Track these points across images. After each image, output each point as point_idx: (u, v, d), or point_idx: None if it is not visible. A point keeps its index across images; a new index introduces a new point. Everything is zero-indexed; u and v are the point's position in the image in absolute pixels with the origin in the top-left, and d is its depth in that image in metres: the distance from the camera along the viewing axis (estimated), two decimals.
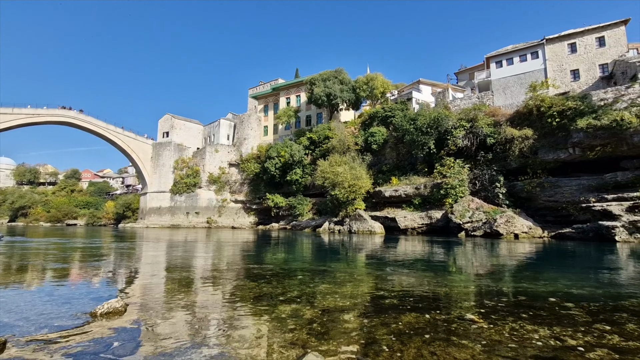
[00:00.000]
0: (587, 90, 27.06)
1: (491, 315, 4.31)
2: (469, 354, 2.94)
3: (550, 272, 8.68)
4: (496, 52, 34.41)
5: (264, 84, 67.11)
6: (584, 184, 22.59)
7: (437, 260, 11.21)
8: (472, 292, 6.07)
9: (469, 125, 28.18)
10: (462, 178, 26.46)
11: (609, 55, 28.45)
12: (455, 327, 3.77)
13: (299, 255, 13.13)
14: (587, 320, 4.12)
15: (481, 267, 9.54)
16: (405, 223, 27.46)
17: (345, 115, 48.03)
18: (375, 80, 40.93)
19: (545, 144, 24.78)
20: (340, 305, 4.80)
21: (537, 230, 21.79)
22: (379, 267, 9.35)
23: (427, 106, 34.43)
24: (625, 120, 20.88)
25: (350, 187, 31.06)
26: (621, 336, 3.53)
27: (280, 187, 43.56)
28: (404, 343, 3.21)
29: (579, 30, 30.19)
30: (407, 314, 4.30)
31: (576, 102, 23.70)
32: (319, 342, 3.24)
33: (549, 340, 3.39)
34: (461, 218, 23.75)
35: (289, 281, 6.84)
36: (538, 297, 5.40)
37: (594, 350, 3.12)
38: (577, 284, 6.66)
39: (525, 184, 24.80)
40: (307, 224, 35.69)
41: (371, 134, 35.76)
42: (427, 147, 29.65)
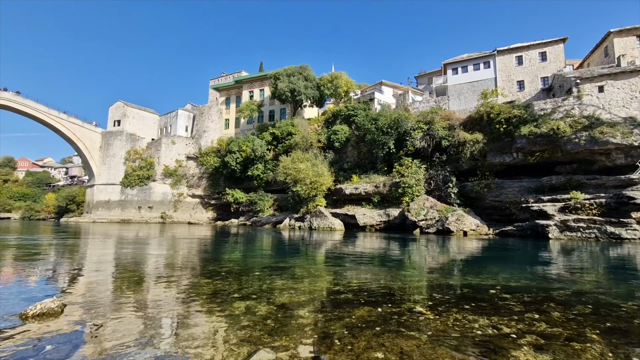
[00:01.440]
0: (530, 100, 29.51)
1: (438, 307, 4.58)
2: (414, 344, 3.11)
3: (493, 266, 9.38)
4: (453, 59, 36.32)
5: (226, 76, 65.10)
6: (524, 186, 24.66)
7: (393, 256, 11.65)
8: (423, 286, 6.40)
9: (426, 127, 29.51)
10: (419, 178, 27.68)
11: (550, 70, 31.23)
12: (404, 319, 3.96)
13: (258, 251, 12.98)
14: (521, 309, 4.53)
15: (433, 263, 10.09)
16: (364, 220, 28.18)
17: (309, 112, 48.09)
18: (340, 79, 41.41)
19: (493, 148, 26.67)
20: (296, 301, 4.83)
21: (484, 228, 23.43)
22: (337, 263, 9.53)
23: (388, 107, 35.50)
24: (560, 129, 23.09)
25: (312, 184, 31.24)
26: (547, 323, 3.93)
27: (240, 182, 42.65)
28: (356, 336, 3.31)
29: (525, 44, 32.79)
30: (361, 308, 4.43)
31: (521, 110, 25.76)
32: (272, 338, 3.24)
33: (487, 329, 3.67)
34: (417, 216, 24.87)
35: (246, 278, 6.75)
36: (480, 290, 5.83)
37: (524, 337, 3.44)
38: (515, 277, 7.28)
39: (475, 185, 26.54)
40: (268, 220, 35.35)
41: (334, 132, 36.17)
42: (387, 147, 30.60)
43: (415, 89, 44.00)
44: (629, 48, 27.85)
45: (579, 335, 3.53)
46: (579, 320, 4.10)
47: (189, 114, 54.34)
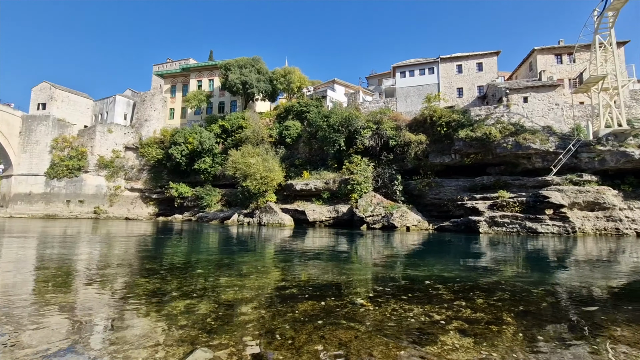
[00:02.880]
0: (467, 106, 32.06)
1: (378, 298, 4.82)
2: (353, 335, 3.25)
3: (430, 259, 10.10)
4: (401, 63, 38.08)
5: (172, 62, 61.18)
6: (460, 185, 26.81)
7: (340, 251, 11.97)
8: (366, 279, 6.68)
9: (375, 127, 30.63)
10: (367, 175, 28.69)
11: (485, 79, 34.20)
12: (346, 311, 4.11)
13: (204, 248, 12.49)
14: (451, 298, 4.94)
15: (377, 257, 10.55)
16: (314, 216, 28.50)
17: (261, 106, 47.22)
18: (293, 74, 41.22)
19: (434, 149, 28.56)
20: (240, 297, 4.75)
21: (425, 223, 25.05)
22: (285, 259, 9.54)
23: (340, 105, 36.17)
24: (492, 134, 25.46)
25: (262, 179, 30.80)
26: (472, 309, 4.34)
27: (186, 176, 40.54)
28: (297, 330, 3.36)
29: (465, 54, 35.49)
30: (305, 302, 4.50)
31: (459, 115, 27.89)
32: (211, 336, 3.15)
33: (420, 317, 3.95)
34: (364, 212, 25.78)
35: (188, 276, 6.46)
36: (417, 281, 6.25)
37: (452, 323, 3.76)
38: (448, 269, 7.91)
39: (418, 183, 28.22)
40: (215, 215, 34.13)
41: (286, 128, 35.96)
42: (338, 144, 31.20)
43: (366, 89, 45.39)
44: (548, 65, 31.54)
45: (497, 319, 3.96)
46: (498, 305, 4.58)
47: (128, 100, 50.16)
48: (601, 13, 23.72)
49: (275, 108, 43.01)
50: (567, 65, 31.45)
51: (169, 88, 49.92)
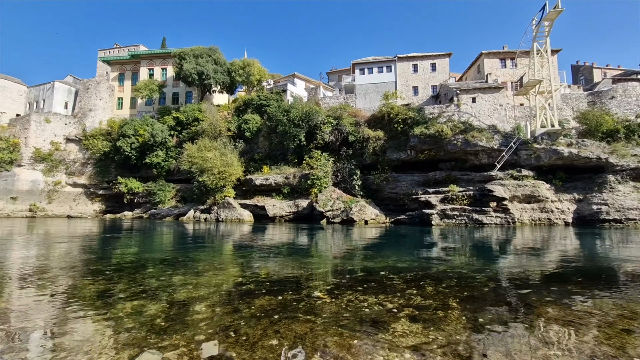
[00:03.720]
0: (422, 104, 33.53)
1: (335, 291, 4.92)
2: (308, 327, 3.29)
3: (386, 251, 10.48)
4: (361, 60, 38.77)
5: (120, 48, 56.84)
6: (415, 180, 28.09)
7: (300, 245, 12.01)
8: (324, 272, 6.77)
9: (335, 122, 30.97)
10: (327, 170, 29.00)
11: (438, 79, 35.94)
12: (303, 305, 4.14)
13: (156, 246, 11.87)
14: (403, 287, 5.18)
15: (336, 250, 10.74)
16: (274, 211, 28.27)
17: (219, 98, 45.60)
18: (252, 67, 40.24)
19: (392, 145, 29.56)
20: (194, 296, 4.59)
21: (382, 217, 25.93)
22: (243, 255, 9.37)
23: (300, 100, 36.06)
24: (444, 132, 26.90)
25: (220, 174, 29.88)
26: (422, 297, 4.58)
27: (137, 171, 38.11)
28: (252, 326, 3.33)
29: (420, 55, 36.99)
30: (262, 297, 4.47)
31: (415, 113, 29.10)
32: (160, 338, 3.02)
33: (374, 307, 4.10)
34: (324, 207, 26.07)
35: (137, 276, 6.11)
36: (373, 272, 6.46)
37: (403, 310, 3.95)
38: (402, 259, 8.27)
39: (376, 178, 29.08)
40: (169, 212, 32.54)
41: (245, 121, 35.11)
42: (298, 139, 31.12)
43: (326, 85, 45.66)
44: (494, 68, 33.92)
45: (444, 305, 4.22)
46: (445, 292, 4.89)
47: (69, 87, 45.86)
48: (539, 22, 25.93)
49: (234, 101, 41.77)
50: (510, 69, 34.06)
51: (116, 76, 46.37)
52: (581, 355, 2.75)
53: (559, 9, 24.21)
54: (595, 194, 23.67)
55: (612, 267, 7.57)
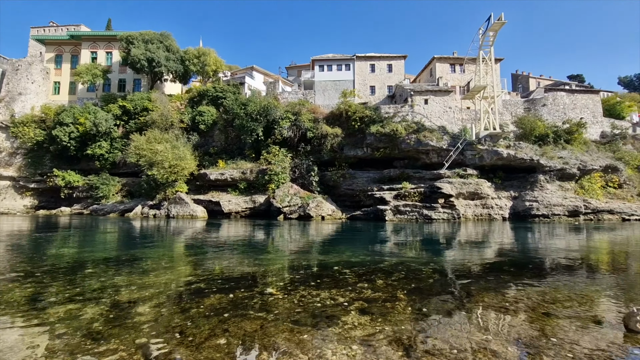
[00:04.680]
0: (378, 104, 34.54)
1: (288, 287, 4.92)
2: (259, 325, 3.26)
3: (341, 246, 10.70)
4: (320, 56, 38.90)
5: (57, 27, 51.26)
6: (371, 177, 28.94)
7: (256, 241, 11.83)
8: (279, 268, 6.74)
9: (294, 118, 30.81)
10: (285, 166, 28.81)
11: (394, 80, 37.24)
12: (254, 302, 4.09)
13: (98, 244, 10.98)
14: (355, 281, 5.32)
15: (292, 246, 10.73)
16: (229, 207, 27.52)
17: (171, 88, 43.12)
18: (208, 57, 38.56)
19: (349, 142, 30.13)
20: (138, 297, 4.33)
21: (339, 213, 26.39)
22: (195, 253, 9.01)
23: (258, 94, 35.33)
24: (398, 131, 27.98)
25: (172, 168, 28.37)
26: (372, 290, 4.75)
27: (76, 163, 34.88)
28: (200, 326, 3.22)
29: (377, 55, 38.01)
30: (212, 296, 4.33)
31: (371, 112, 29.90)
32: (97, 343, 2.81)
33: (326, 301, 4.17)
34: (281, 202, 25.91)
35: (73, 277, 5.61)
36: (326, 267, 6.56)
37: (354, 304, 4.07)
38: (356, 254, 8.50)
39: (333, 174, 29.48)
40: (114, 208, 30.28)
41: (200, 113, 33.63)
42: (255, 133, 30.52)
43: (286, 80, 45.22)
44: (445, 72, 35.92)
45: (392, 297, 4.42)
46: (394, 284, 5.11)
47: None
48: (484, 32, 27.89)
49: (188, 91, 39.78)
50: (459, 74, 36.29)
51: (52, 57, 41.86)
52: (509, 337, 3.04)
53: (502, 21, 26.23)
54: (528, 192, 26.16)
55: (539, 257, 8.44)
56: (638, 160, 30.06)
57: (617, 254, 9.27)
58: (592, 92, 36.30)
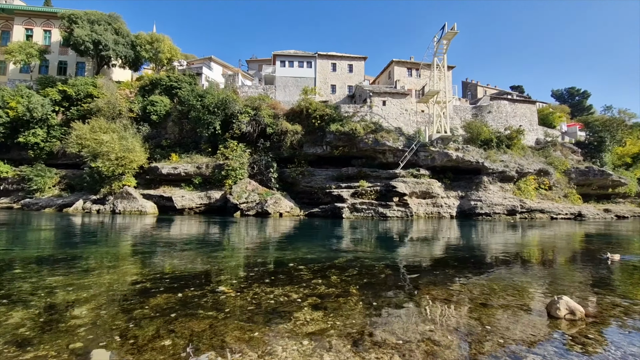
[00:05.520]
0: (338, 103, 35.03)
1: (241, 284, 4.83)
2: (208, 324, 3.16)
3: (298, 243, 10.72)
4: (282, 52, 38.49)
5: None
6: (329, 175, 29.31)
7: (211, 239, 11.44)
8: (233, 266, 6.59)
9: (253, 113, 30.20)
10: (243, 161, 28.18)
11: (354, 80, 37.96)
12: (205, 301, 3.96)
13: (30, 242, 9.91)
14: (309, 277, 5.36)
15: (248, 243, 10.54)
16: (182, 203, 26.34)
17: (120, 74, 40.12)
18: (162, 43, 36.43)
19: (309, 140, 30.22)
20: (74, 299, 3.99)
21: (297, 210, 26.40)
22: (142, 251, 8.49)
23: (216, 86, 34.12)
24: (357, 130, 28.61)
25: (119, 160, 26.46)
26: (326, 286, 4.82)
27: (5, 151, 31.21)
28: (143, 327, 3.05)
29: (339, 54, 38.48)
30: (159, 296, 4.12)
31: (332, 110, 30.23)
32: (22, 350, 2.54)
33: (280, 298, 4.16)
34: (238, 199, 25.32)
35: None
36: (282, 264, 6.54)
37: (307, 300, 4.10)
38: (312, 250, 8.56)
39: (292, 171, 29.41)
40: (50, 202, 27.55)
41: (152, 103, 31.69)
42: (212, 127, 29.46)
43: (246, 73, 44.14)
44: (402, 75, 37.34)
45: (345, 292, 4.52)
46: (348, 280, 5.24)
47: None
48: (439, 40, 29.42)
49: (139, 79, 37.30)
50: (415, 78, 37.94)
51: None
52: (450, 327, 3.25)
53: (455, 31, 27.85)
54: (473, 192, 28.15)
55: (480, 253, 9.13)
56: (565, 165, 33.66)
57: (546, 249, 10.31)
58: (530, 103, 39.91)
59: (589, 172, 33.58)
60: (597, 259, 7.62)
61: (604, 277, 5.85)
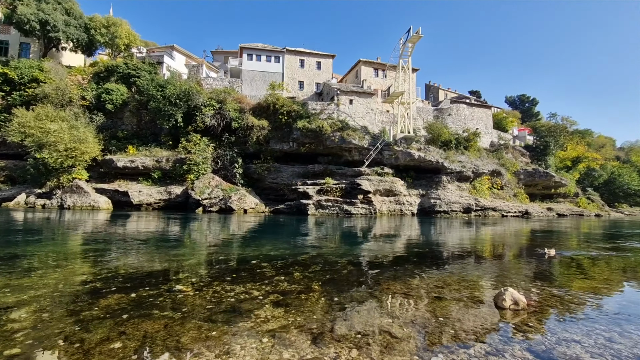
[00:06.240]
0: (306, 99, 34.99)
1: (201, 283, 4.68)
2: (163, 324, 3.04)
3: (262, 240, 10.60)
4: (249, 45, 37.66)
5: None
6: (296, 171, 29.24)
7: (170, 235, 10.98)
8: (193, 263, 6.37)
9: (218, 106, 29.33)
10: (206, 156, 27.30)
11: (322, 78, 38.09)
12: (160, 300, 3.80)
13: None
14: (272, 274, 5.33)
15: (210, 240, 10.24)
16: (140, 198, 25.03)
17: (71, 58, 37.14)
18: (120, 28, 34.26)
19: (275, 136, 29.92)
20: (12, 301, 3.65)
21: (262, 206, 26.08)
22: (94, 249, 7.95)
23: (179, 76, 32.69)
24: (324, 128, 28.77)
25: (68, 151, 24.57)
26: (289, 283, 4.82)
27: None
28: (91, 330, 2.86)
29: (307, 51, 38.38)
30: (110, 297, 3.89)
31: (299, 107, 30.14)
32: None
33: (241, 295, 4.09)
34: (201, 194, 24.52)
35: None
36: (244, 261, 6.44)
37: (269, 297, 4.07)
38: (276, 247, 8.51)
39: (258, 167, 28.99)
40: None
41: (107, 91, 29.70)
42: (174, 119, 28.22)
43: (211, 64, 42.68)
44: (369, 75, 38.05)
45: (307, 288, 4.54)
46: (310, 276, 5.27)
47: None
48: (404, 43, 30.31)
49: (93, 64, 34.76)
50: (382, 79, 38.83)
51: None
52: (406, 320, 3.39)
53: (419, 35, 28.82)
54: (433, 191, 29.45)
55: (438, 248, 9.58)
56: (515, 167, 36.22)
57: (496, 244, 11.05)
58: (486, 107, 42.43)
59: (535, 173, 36.39)
60: (538, 254, 8.29)
61: (544, 270, 6.39)
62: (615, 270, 6.49)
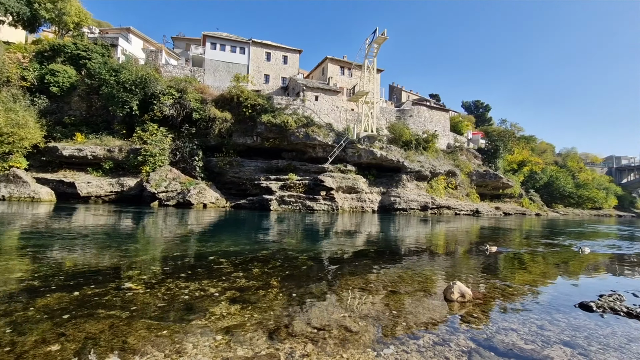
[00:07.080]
0: (272, 93, 34.51)
1: (153, 280, 4.47)
2: (108, 324, 2.86)
3: (222, 235, 10.34)
4: (213, 33, 36.30)
5: None
6: (259, 166, 28.81)
7: (123, 230, 10.33)
8: (145, 260, 6.06)
9: (178, 95, 28.02)
10: (164, 147, 26.03)
11: (288, 72, 37.74)
12: (107, 299, 3.57)
13: None
14: (230, 271, 5.22)
15: (166, 235, 9.79)
16: (88, 189, 23.30)
17: (10, 34, 33.46)
18: (69, 4, 31.38)
19: (239, 129, 29.23)
20: None
21: (223, 201, 25.41)
22: (32, 244, 7.27)
23: (135, 61, 30.73)
24: (289, 123, 28.60)
25: (4, 137, 22.21)
26: (247, 279, 4.75)
27: None
28: (25, 332, 2.62)
29: (274, 44, 37.79)
30: (49, 296, 3.59)
31: (264, 100, 29.65)
32: None
33: (195, 292, 3.96)
34: (157, 187, 23.36)
35: None
36: (201, 257, 6.24)
37: (225, 294, 3.98)
38: (236, 243, 8.34)
39: (219, 161, 28.16)
40: None
41: (52, 72, 27.16)
42: (128, 106, 26.52)
43: (171, 51, 40.57)
44: (335, 73, 38.34)
45: (266, 284, 4.51)
46: (269, 272, 5.23)
47: None
48: (370, 43, 30.89)
49: (36, 42, 31.59)
50: (347, 77, 39.29)
51: None
52: (362, 314, 3.48)
53: (385, 37, 29.52)
54: (393, 189, 30.47)
55: (396, 244, 9.95)
56: (468, 168, 38.52)
57: (449, 241, 11.69)
58: (444, 110, 44.59)
59: (486, 175, 38.98)
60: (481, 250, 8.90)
61: (490, 265, 6.88)
62: (549, 265, 7.16)
